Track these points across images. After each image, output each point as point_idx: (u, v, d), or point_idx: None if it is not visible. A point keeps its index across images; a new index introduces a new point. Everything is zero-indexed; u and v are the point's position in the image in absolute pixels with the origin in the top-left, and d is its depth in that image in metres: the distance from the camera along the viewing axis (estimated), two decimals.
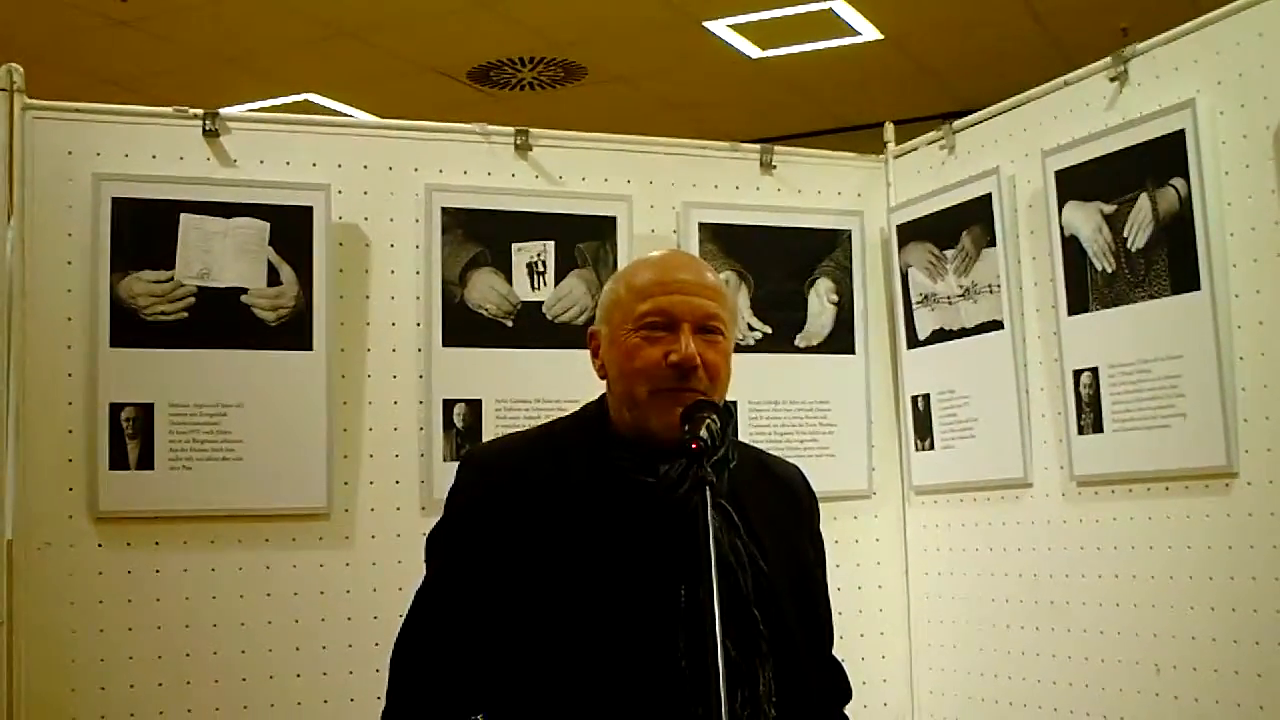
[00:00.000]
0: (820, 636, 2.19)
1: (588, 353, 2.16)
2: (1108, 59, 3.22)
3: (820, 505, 2.28)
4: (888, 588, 3.78)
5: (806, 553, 2.20)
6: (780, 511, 2.16)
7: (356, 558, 3.33)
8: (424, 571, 2.14)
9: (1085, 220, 3.21)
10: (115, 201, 3.19)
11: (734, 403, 3.55)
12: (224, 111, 3.37)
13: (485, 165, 3.55)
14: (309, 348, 3.30)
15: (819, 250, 3.77)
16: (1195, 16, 3.02)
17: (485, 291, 3.46)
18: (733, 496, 2.05)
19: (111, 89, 7.69)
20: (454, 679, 2.03)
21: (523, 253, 3.49)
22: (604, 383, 2.14)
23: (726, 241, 3.66)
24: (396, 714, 2.06)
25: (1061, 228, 3.27)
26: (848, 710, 2.23)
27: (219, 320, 3.24)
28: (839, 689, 2.22)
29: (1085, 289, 3.21)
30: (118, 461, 3.15)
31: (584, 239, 3.54)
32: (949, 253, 3.63)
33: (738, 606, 1.94)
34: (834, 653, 2.24)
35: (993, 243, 3.49)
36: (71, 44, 7.34)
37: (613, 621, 1.95)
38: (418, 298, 3.43)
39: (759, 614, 1.98)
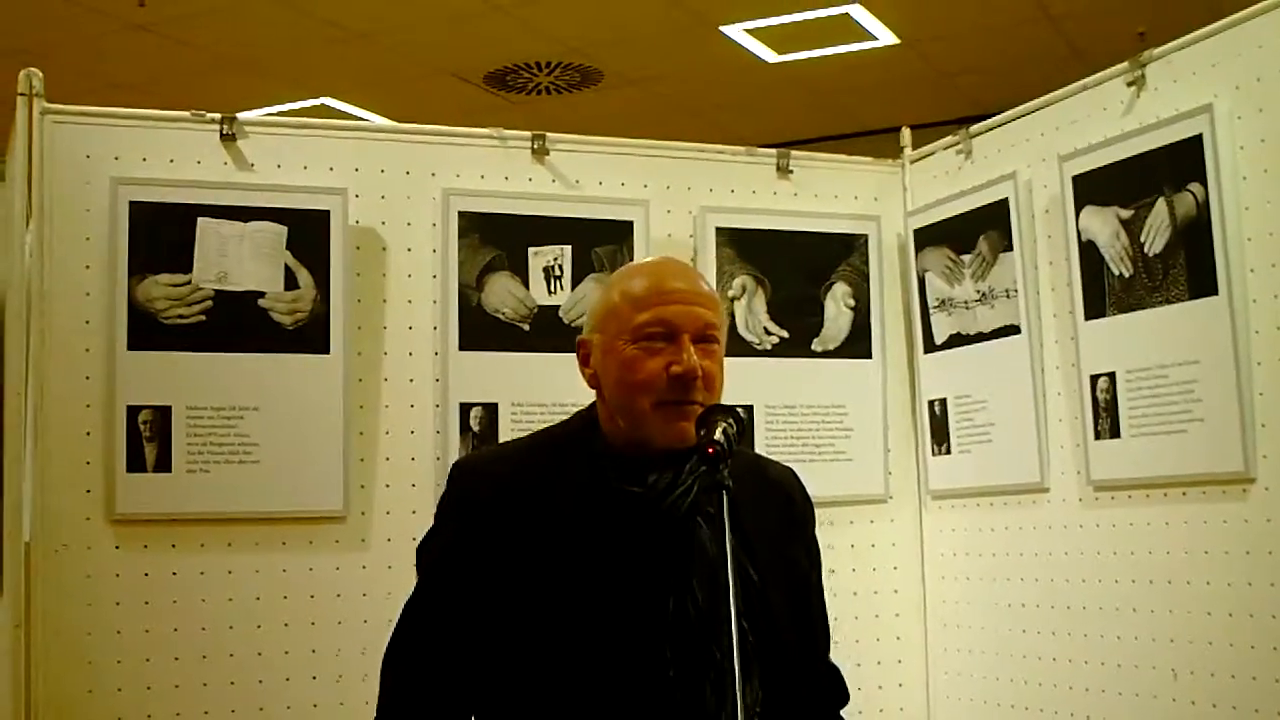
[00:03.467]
0: (814, 642, 2.17)
1: None
2: (1125, 63, 3.21)
3: (836, 510, 2.28)
4: (904, 593, 3.77)
5: (800, 558, 2.17)
6: (774, 517, 2.14)
7: (372, 561, 3.33)
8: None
9: (1102, 225, 3.21)
10: (133, 205, 3.20)
11: (750, 408, 3.56)
12: (241, 115, 3.37)
13: (502, 169, 3.55)
14: (326, 351, 3.31)
15: (836, 255, 3.77)
16: (1213, 21, 3.01)
17: (502, 295, 3.46)
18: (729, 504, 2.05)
19: (129, 93, 7.68)
20: (443, 687, 2.03)
21: (539, 257, 3.50)
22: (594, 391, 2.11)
23: (743, 246, 3.66)
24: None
25: (1079, 232, 3.26)
26: (844, 712, 2.22)
27: (236, 324, 3.25)
28: (836, 693, 2.21)
29: (1102, 294, 3.20)
30: (135, 464, 3.16)
31: (601, 243, 3.54)
32: (966, 257, 3.62)
33: (726, 615, 1.95)
34: (832, 658, 2.23)
35: (1010, 247, 3.48)
36: (89, 48, 7.36)
37: (600, 632, 1.94)
38: (434, 301, 3.43)
39: (747, 624, 1.96)
